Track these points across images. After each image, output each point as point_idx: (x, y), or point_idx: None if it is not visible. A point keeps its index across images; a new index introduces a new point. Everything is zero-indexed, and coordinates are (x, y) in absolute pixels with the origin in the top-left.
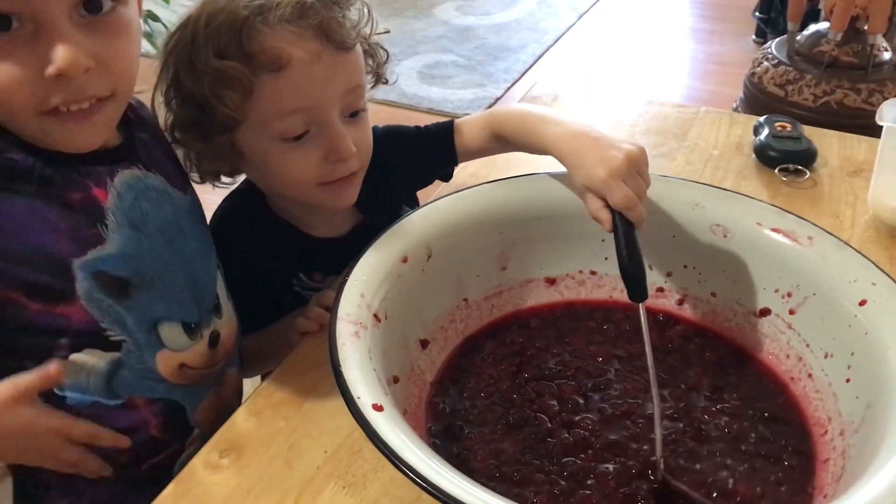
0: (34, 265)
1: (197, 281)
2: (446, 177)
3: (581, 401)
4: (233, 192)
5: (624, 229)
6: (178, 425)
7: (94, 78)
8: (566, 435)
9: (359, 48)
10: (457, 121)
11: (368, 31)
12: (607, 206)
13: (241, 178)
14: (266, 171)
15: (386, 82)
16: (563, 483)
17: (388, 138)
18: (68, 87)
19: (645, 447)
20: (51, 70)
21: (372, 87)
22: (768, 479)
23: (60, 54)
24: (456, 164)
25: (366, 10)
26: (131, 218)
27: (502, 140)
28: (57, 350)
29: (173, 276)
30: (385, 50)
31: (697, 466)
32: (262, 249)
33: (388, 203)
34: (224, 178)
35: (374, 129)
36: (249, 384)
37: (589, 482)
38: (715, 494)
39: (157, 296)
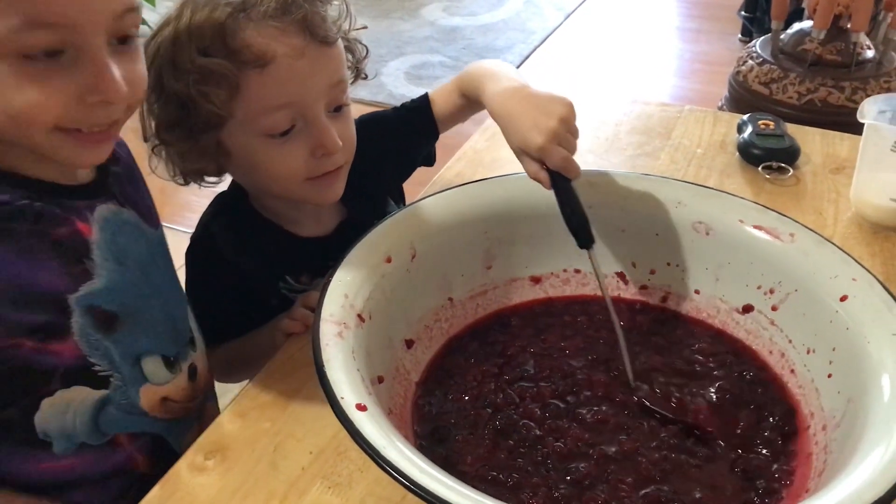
0: (31, 306)
1: (172, 314)
2: (429, 160)
3: (561, 405)
4: (215, 201)
5: (563, 185)
6: (165, 458)
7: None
8: (559, 443)
9: (340, 43)
10: (430, 92)
11: (347, 27)
12: (544, 166)
13: (225, 180)
14: (253, 169)
15: (365, 77)
16: (562, 488)
17: (367, 126)
18: (102, 112)
19: (640, 454)
20: (96, 98)
21: (352, 83)
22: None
23: (110, 86)
24: (437, 136)
25: (344, 6)
26: (114, 252)
27: (465, 97)
28: (46, 387)
29: (152, 309)
30: (364, 45)
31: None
32: (249, 253)
33: (374, 197)
34: (209, 179)
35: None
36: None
37: (600, 487)
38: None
39: (139, 330)
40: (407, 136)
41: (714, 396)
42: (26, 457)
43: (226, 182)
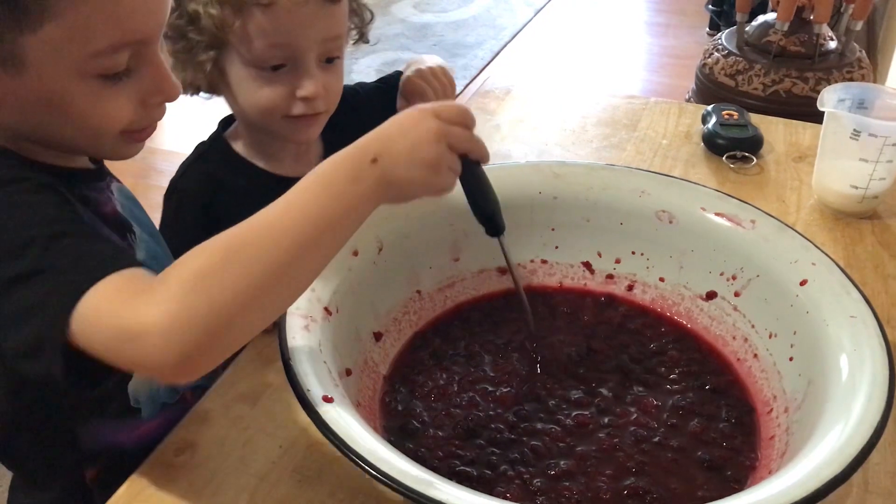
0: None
1: None
2: None
3: (526, 408)
4: (195, 148)
5: (468, 173)
6: None
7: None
8: (535, 442)
9: (345, 3)
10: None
11: None
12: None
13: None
14: (239, 95)
15: (367, 42)
16: (538, 482)
17: (348, 95)
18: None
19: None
20: (158, 99)
21: (354, 44)
22: (713, 454)
23: (170, 85)
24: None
25: None
26: (139, 224)
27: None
28: None
29: None
30: (371, 11)
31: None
32: (226, 195)
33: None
34: (203, 94)
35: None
36: None
37: (580, 479)
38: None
39: None
40: (382, 109)
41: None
42: (123, 426)
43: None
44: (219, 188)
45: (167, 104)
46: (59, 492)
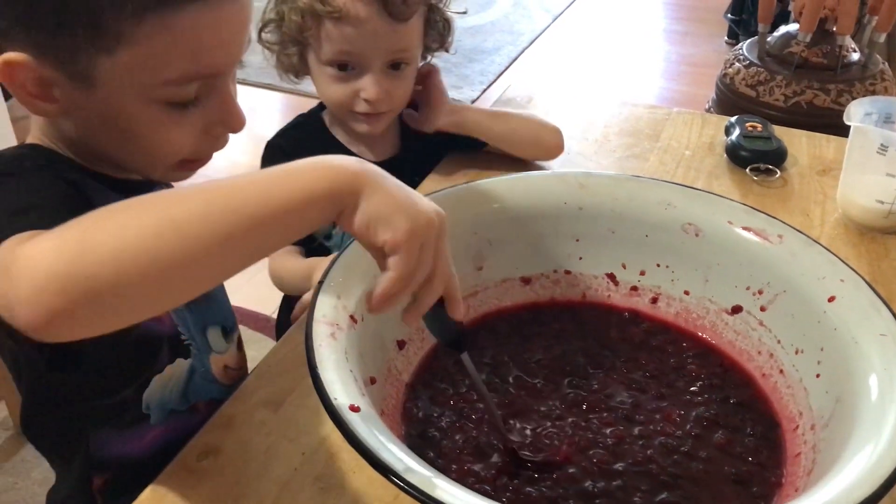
0: None
1: (224, 288)
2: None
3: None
4: (295, 118)
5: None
6: None
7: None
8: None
9: (414, 20)
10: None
11: (440, 6)
12: None
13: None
14: (316, 87)
15: (447, 51)
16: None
17: None
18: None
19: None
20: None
21: (435, 51)
22: (739, 469)
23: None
24: (482, 147)
25: None
26: None
27: None
28: (156, 363)
29: None
30: (449, 23)
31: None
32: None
33: (429, 146)
34: (294, 78)
35: None
36: None
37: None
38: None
39: (209, 300)
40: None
41: (698, 415)
42: (133, 433)
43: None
44: (304, 152)
45: (229, 136)
46: (65, 495)
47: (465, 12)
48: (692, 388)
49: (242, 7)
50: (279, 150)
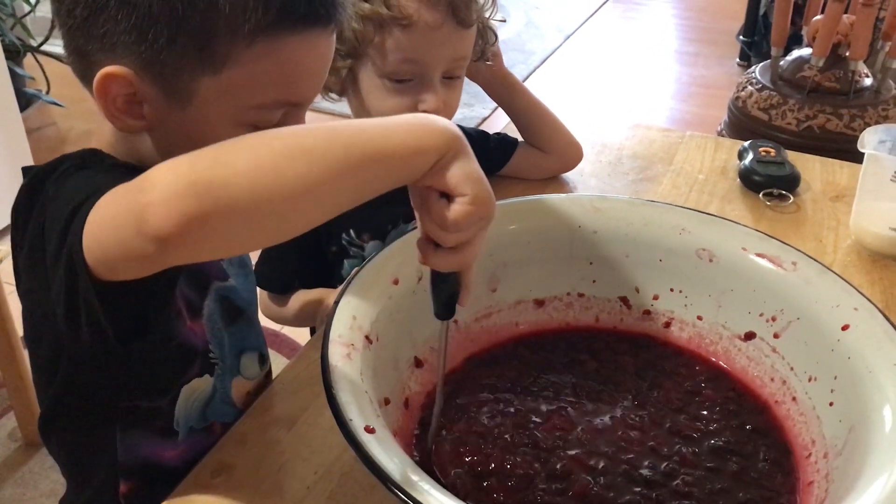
0: (191, 280)
1: (252, 311)
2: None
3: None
4: None
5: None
6: None
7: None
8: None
9: (475, 27)
10: (523, 142)
11: (487, 16)
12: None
13: None
14: (368, 102)
15: (487, 61)
16: None
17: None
18: None
19: None
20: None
21: (476, 61)
22: (752, 495)
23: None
24: (497, 170)
25: None
26: (234, 257)
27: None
28: (188, 373)
29: (255, 309)
30: (495, 33)
31: (676, 483)
32: None
33: None
34: (332, 94)
35: None
36: None
37: None
38: None
39: (250, 327)
40: (478, 155)
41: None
42: (161, 446)
43: None
44: None
45: None
46: (90, 498)
47: (504, 21)
48: (705, 413)
49: (333, 41)
50: None
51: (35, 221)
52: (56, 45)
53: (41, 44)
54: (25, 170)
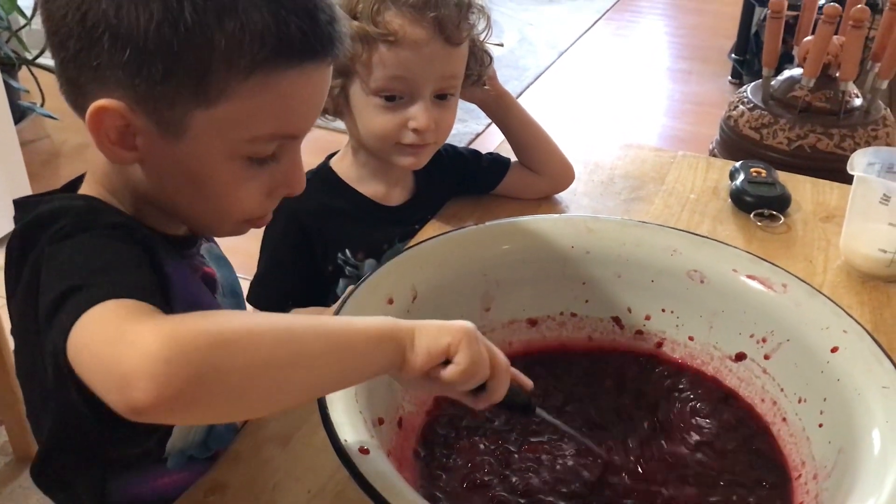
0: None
1: None
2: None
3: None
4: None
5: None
6: None
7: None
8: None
9: (465, 46)
10: (515, 162)
11: (482, 38)
12: None
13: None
14: (359, 120)
15: (484, 84)
16: None
17: (452, 154)
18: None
19: None
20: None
21: (472, 85)
22: None
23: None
24: (489, 191)
25: (485, 20)
26: (225, 287)
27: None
28: None
29: None
30: (490, 56)
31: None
32: (326, 216)
33: (439, 190)
34: (327, 115)
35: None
36: None
37: None
38: None
39: None
40: (471, 175)
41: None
42: (148, 475)
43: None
44: (321, 211)
45: None
46: None
47: (501, 45)
48: (697, 432)
49: (329, 74)
50: (289, 211)
51: (28, 274)
52: (51, 59)
53: (36, 57)
54: (17, 203)
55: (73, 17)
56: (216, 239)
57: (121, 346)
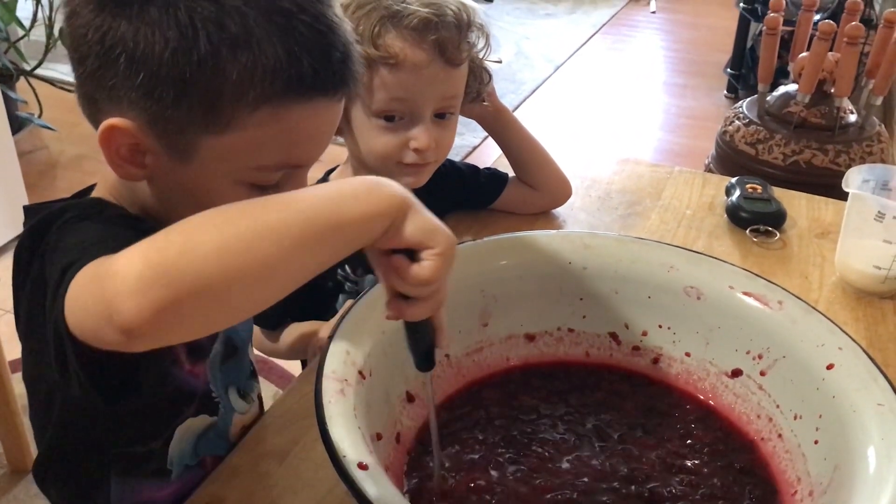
0: None
1: (247, 349)
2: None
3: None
4: None
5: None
6: None
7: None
8: None
9: (465, 66)
10: (513, 177)
11: (481, 56)
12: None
13: None
14: (360, 140)
15: (483, 101)
16: None
17: (450, 170)
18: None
19: None
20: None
21: (471, 102)
22: None
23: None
24: (487, 206)
25: (484, 38)
26: None
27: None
28: (181, 417)
29: (246, 345)
30: (489, 73)
31: None
32: None
33: (437, 206)
34: None
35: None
36: None
37: None
38: None
39: (239, 362)
40: (469, 190)
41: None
42: (153, 486)
43: None
44: None
45: None
46: None
47: (500, 62)
48: (695, 455)
49: (340, 108)
50: None
51: (37, 266)
52: (49, 70)
53: (35, 68)
54: (28, 210)
55: (94, 36)
56: None
57: (103, 281)
